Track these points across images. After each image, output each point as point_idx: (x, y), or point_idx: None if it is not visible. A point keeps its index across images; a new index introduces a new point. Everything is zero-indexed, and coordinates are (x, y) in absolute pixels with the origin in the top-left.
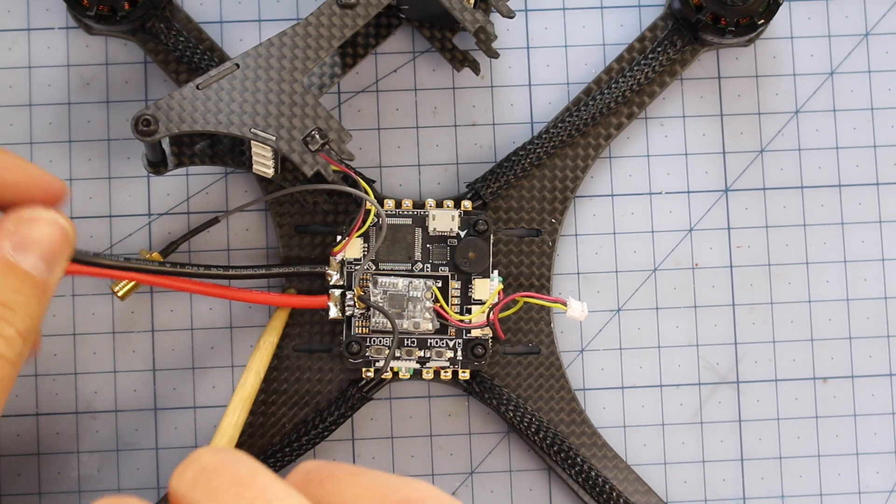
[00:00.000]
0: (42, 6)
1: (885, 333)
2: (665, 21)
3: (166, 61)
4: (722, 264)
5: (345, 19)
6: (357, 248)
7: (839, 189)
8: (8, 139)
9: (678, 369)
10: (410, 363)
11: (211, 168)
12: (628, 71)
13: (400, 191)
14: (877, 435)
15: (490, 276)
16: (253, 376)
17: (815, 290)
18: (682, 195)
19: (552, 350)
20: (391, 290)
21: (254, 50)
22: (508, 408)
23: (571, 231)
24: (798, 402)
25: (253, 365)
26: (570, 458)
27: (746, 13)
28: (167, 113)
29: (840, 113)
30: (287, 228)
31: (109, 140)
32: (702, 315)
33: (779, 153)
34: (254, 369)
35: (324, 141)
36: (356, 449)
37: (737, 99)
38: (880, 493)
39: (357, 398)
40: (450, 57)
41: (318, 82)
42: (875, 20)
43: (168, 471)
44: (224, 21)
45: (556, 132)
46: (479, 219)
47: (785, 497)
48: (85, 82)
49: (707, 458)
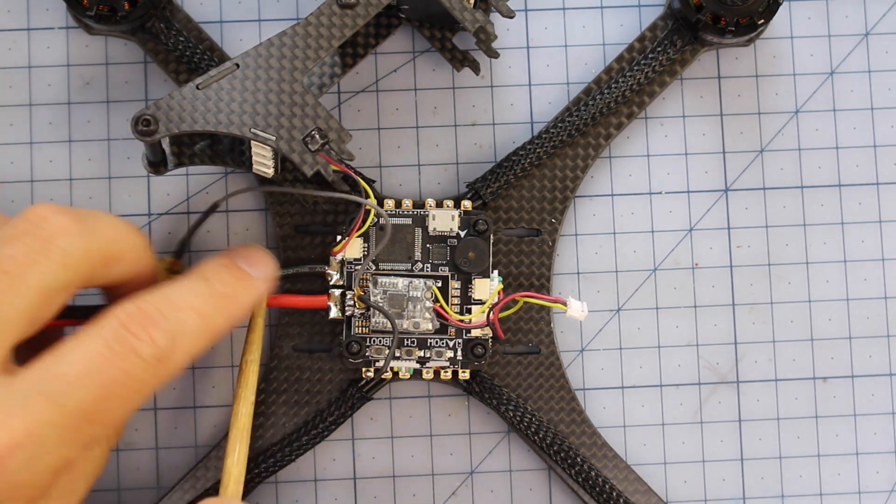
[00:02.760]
0: (42, 6)
1: (885, 333)
2: (665, 21)
3: (166, 61)
4: (722, 264)
5: (345, 19)
6: (357, 248)
7: (839, 189)
8: (8, 139)
9: (678, 369)
10: (410, 363)
11: (211, 168)
12: (628, 71)
13: (400, 191)
14: (877, 435)
15: (490, 276)
16: (243, 406)
17: (815, 290)
18: (682, 195)
19: (552, 350)
20: (391, 290)
21: (254, 50)
22: (508, 408)
23: (571, 231)
24: (798, 401)
25: (241, 392)
26: (570, 457)
27: (746, 13)
28: (167, 113)
29: (840, 113)
30: (287, 228)
31: (109, 140)
32: (702, 315)
33: (779, 153)
34: (242, 397)
35: (324, 141)
36: (356, 449)
37: (737, 99)
38: (880, 493)
39: (357, 398)
40: (450, 57)
41: (318, 82)
42: (875, 20)
43: (168, 470)
44: (224, 21)
45: (556, 132)
46: (479, 219)
47: (785, 497)
48: (85, 82)
49: (707, 458)
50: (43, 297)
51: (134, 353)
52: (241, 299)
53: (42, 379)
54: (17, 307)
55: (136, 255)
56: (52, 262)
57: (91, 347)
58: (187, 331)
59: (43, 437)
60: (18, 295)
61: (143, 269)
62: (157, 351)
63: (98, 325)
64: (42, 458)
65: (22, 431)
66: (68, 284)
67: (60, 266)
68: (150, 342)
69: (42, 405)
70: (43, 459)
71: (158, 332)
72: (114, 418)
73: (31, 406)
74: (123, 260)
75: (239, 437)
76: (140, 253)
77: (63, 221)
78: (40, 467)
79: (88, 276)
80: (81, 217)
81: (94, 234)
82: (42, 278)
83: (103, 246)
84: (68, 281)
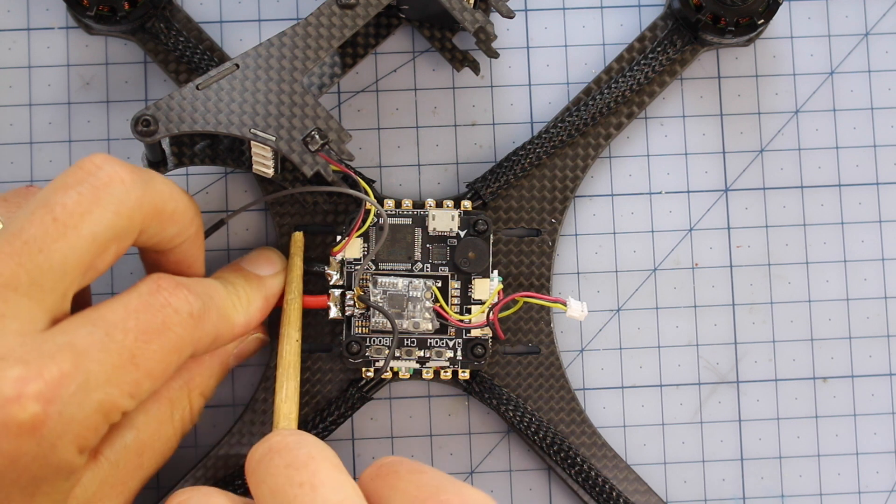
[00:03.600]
0: (42, 6)
1: (885, 333)
2: (665, 21)
3: (166, 61)
4: (722, 264)
5: (345, 19)
6: (357, 248)
7: (839, 189)
8: (8, 139)
9: (678, 369)
10: (410, 363)
11: (211, 168)
12: (628, 71)
13: (400, 191)
14: (877, 435)
15: (490, 276)
16: (287, 343)
17: (815, 289)
18: (682, 195)
19: (552, 350)
20: (391, 290)
21: (254, 50)
22: (508, 408)
23: (571, 231)
24: (798, 401)
25: (284, 331)
26: (570, 457)
27: (746, 13)
28: (167, 113)
29: (840, 113)
30: (287, 228)
31: (109, 140)
32: (702, 315)
33: (779, 153)
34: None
35: (324, 141)
36: (356, 449)
37: (737, 99)
38: (880, 493)
39: (357, 398)
40: (450, 57)
41: (318, 82)
42: (875, 20)
43: (168, 470)
44: (224, 21)
45: (556, 132)
46: (478, 219)
47: (785, 497)
48: (85, 82)
49: (707, 458)
50: (97, 246)
51: (170, 306)
52: (255, 299)
53: (86, 321)
54: (73, 256)
55: (189, 217)
56: (106, 210)
57: (130, 299)
58: (217, 303)
59: (89, 371)
60: (72, 244)
61: (193, 236)
62: (191, 308)
63: (136, 286)
64: (90, 393)
65: (70, 363)
66: (122, 234)
67: (114, 214)
68: (185, 300)
69: (87, 339)
70: (91, 394)
71: (192, 295)
72: (155, 367)
73: (78, 341)
74: (175, 219)
75: (285, 375)
76: (192, 216)
77: (118, 171)
78: (89, 402)
79: (141, 227)
80: (136, 170)
81: (148, 187)
82: (95, 227)
83: (157, 199)
84: (122, 229)
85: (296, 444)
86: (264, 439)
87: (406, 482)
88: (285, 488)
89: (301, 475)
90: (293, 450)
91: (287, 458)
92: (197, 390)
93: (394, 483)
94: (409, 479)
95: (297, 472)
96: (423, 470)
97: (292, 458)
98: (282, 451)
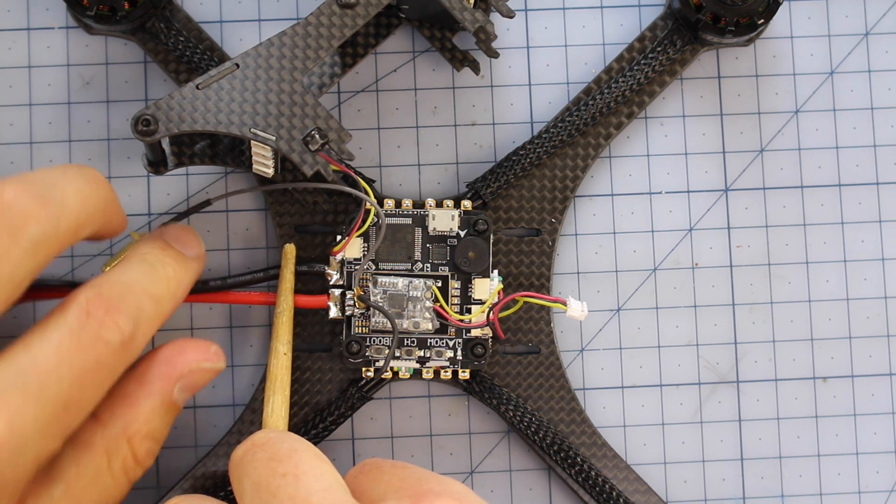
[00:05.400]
0: (42, 6)
1: (885, 333)
2: (665, 21)
3: (166, 61)
4: (722, 264)
5: (345, 19)
6: (357, 248)
7: (839, 189)
8: (8, 139)
9: (678, 369)
10: (410, 363)
11: (211, 168)
12: (628, 70)
13: (400, 190)
14: (877, 435)
15: (490, 275)
16: (274, 358)
17: (815, 289)
18: (682, 195)
19: (552, 350)
20: (391, 289)
21: (254, 50)
22: (508, 407)
23: (571, 231)
24: (798, 401)
25: (271, 345)
26: (570, 457)
27: (746, 13)
28: (167, 113)
29: (840, 112)
30: (287, 228)
31: (109, 140)
32: (702, 315)
33: (779, 153)
34: (272, 349)
35: (324, 141)
36: (356, 449)
37: (737, 98)
38: (880, 493)
39: (357, 398)
40: (450, 57)
41: (318, 82)
42: (875, 20)
43: (169, 470)
44: (224, 21)
45: (556, 132)
46: (478, 218)
47: (785, 497)
48: (85, 82)
49: (707, 458)
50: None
51: (102, 340)
52: (184, 281)
53: (16, 373)
54: None
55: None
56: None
57: (60, 337)
58: (146, 315)
59: (24, 433)
60: None
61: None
62: (122, 336)
63: (64, 313)
64: (25, 454)
65: (3, 429)
66: (38, 267)
67: (31, 254)
68: (116, 328)
69: (20, 401)
70: (26, 455)
71: (122, 318)
72: (88, 405)
73: (9, 403)
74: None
75: (272, 389)
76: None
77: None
78: (24, 462)
79: (57, 253)
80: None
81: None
82: (12, 268)
83: (72, 220)
84: (38, 265)
85: (278, 438)
86: (248, 437)
87: (390, 475)
88: (268, 480)
89: (284, 466)
90: (276, 444)
91: (269, 451)
92: (139, 435)
93: (377, 476)
94: (393, 472)
95: (279, 464)
96: (405, 466)
97: (275, 451)
98: (264, 445)
